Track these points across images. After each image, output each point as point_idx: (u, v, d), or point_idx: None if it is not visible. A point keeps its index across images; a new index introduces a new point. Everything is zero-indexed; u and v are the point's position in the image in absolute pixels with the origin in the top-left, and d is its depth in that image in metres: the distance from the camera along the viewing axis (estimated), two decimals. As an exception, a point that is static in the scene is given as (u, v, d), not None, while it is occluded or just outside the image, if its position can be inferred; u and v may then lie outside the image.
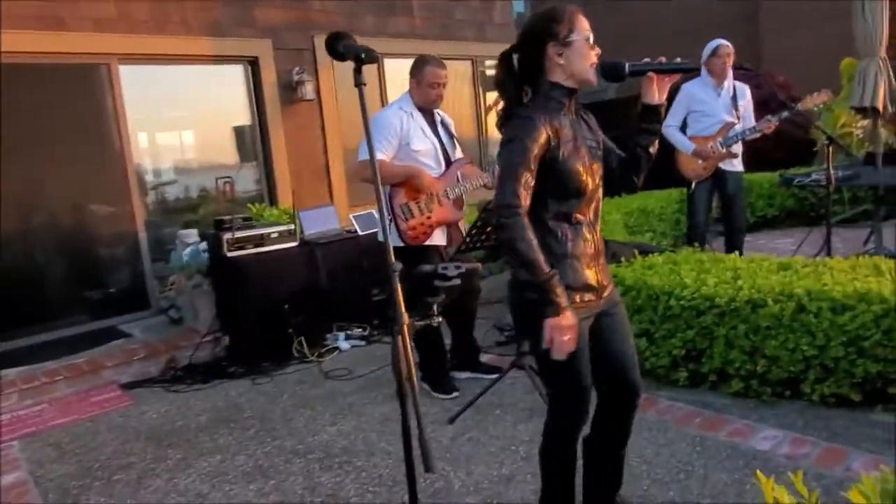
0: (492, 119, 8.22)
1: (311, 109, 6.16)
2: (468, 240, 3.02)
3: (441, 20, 7.26)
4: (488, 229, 3.06)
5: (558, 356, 1.75)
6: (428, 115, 3.46)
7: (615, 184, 2.08)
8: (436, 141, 3.44)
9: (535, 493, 2.50)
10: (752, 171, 5.85)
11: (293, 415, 3.53)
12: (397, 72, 6.69)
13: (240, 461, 3.04)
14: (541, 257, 1.72)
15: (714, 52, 4.43)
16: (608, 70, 1.88)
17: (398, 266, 1.50)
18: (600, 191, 1.97)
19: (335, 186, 6.33)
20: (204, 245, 4.82)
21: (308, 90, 5.94)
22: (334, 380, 4.01)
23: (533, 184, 1.77)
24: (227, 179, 5.96)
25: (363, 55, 1.60)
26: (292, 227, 4.57)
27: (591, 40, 1.86)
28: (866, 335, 2.81)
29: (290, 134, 6.03)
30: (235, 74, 5.87)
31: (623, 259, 3.85)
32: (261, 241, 4.40)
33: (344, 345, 4.56)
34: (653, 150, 1.99)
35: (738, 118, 4.48)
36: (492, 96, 8.25)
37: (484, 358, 3.89)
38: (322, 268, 4.54)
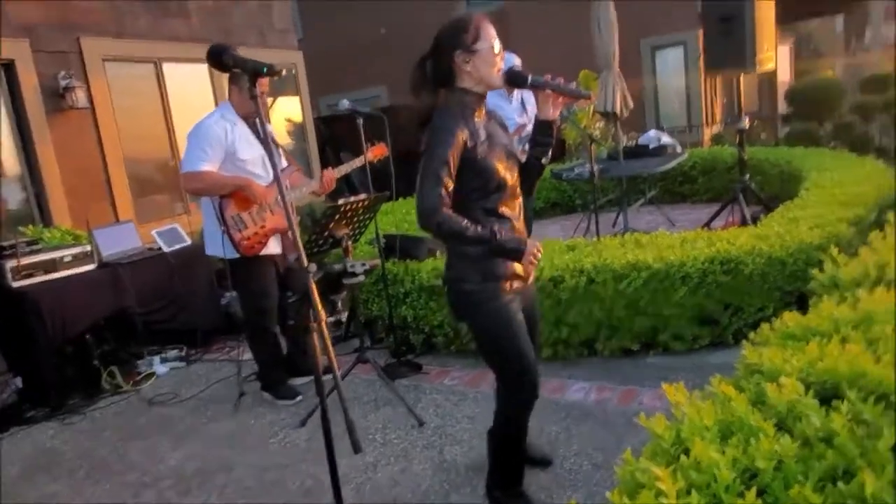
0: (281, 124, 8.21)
1: (83, 119, 5.57)
2: (313, 246, 3.11)
3: (220, 23, 7.01)
4: (325, 233, 3.19)
5: (535, 263, 2.03)
6: (250, 122, 3.42)
7: None
8: (262, 149, 3.42)
9: (402, 472, 2.74)
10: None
11: (126, 448, 3.29)
12: (176, 76, 6.37)
13: (77, 506, 2.79)
14: (477, 228, 1.95)
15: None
16: (512, 77, 2.06)
17: (313, 268, 1.60)
18: (519, 187, 2.16)
19: (120, 202, 5.81)
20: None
21: (79, 97, 5.37)
22: (161, 405, 3.79)
23: (452, 186, 1.94)
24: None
25: (264, 70, 1.62)
26: (88, 248, 4.16)
27: (497, 48, 1.99)
28: (639, 296, 3.52)
29: (61, 146, 5.39)
30: (-15, 79, 5.11)
31: (438, 253, 4.23)
32: (52, 266, 3.94)
33: (161, 369, 4.29)
34: (545, 160, 2.22)
35: (528, 120, 5.15)
36: (283, 100, 8.18)
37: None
38: (128, 290, 4.21)
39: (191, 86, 6.45)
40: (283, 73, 1.70)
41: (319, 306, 1.58)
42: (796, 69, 20.16)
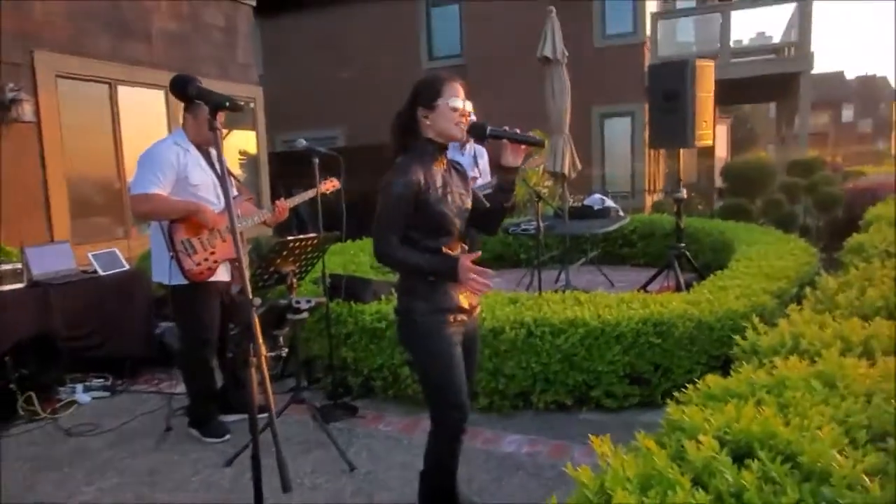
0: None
1: (27, 133, 5.41)
2: (258, 280, 3.08)
3: (182, 51, 7.01)
4: (271, 269, 3.17)
5: (483, 289, 2.14)
6: (203, 151, 3.41)
7: (478, 229, 2.46)
8: (214, 176, 3.40)
9: (332, 516, 2.68)
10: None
11: (35, 479, 3.11)
12: (131, 100, 6.29)
13: (-25, 540, 2.61)
14: (420, 257, 2.15)
15: None
16: (473, 129, 2.22)
17: (258, 301, 1.61)
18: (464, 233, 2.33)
19: (57, 221, 5.62)
20: None
21: (25, 111, 5.23)
22: (79, 436, 3.61)
23: (403, 225, 2.13)
24: None
25: (226, 103, 1.65)
26: (18, 265, 3.99)
27: (459, 106, 2.18)
28: (575, 352, 3.62)
29: (1, 161, 5.21)
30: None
31: (382, 297, 4.25)
32: (-23, 282, 3.77)
33: (83, 398, 4.10)
34: (507, 204, 2.36)
35: (479, 174, 5.33)
36: (239, 133, 8.15)
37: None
38: (56, 312, 4.04)
39: (145, 111, 6.38)
40: (243, 107, 1.73)
41: (260, 340, 1.59)
42: (732, 147, 21.41)
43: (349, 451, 3.25)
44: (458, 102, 2.20)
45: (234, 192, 3.60)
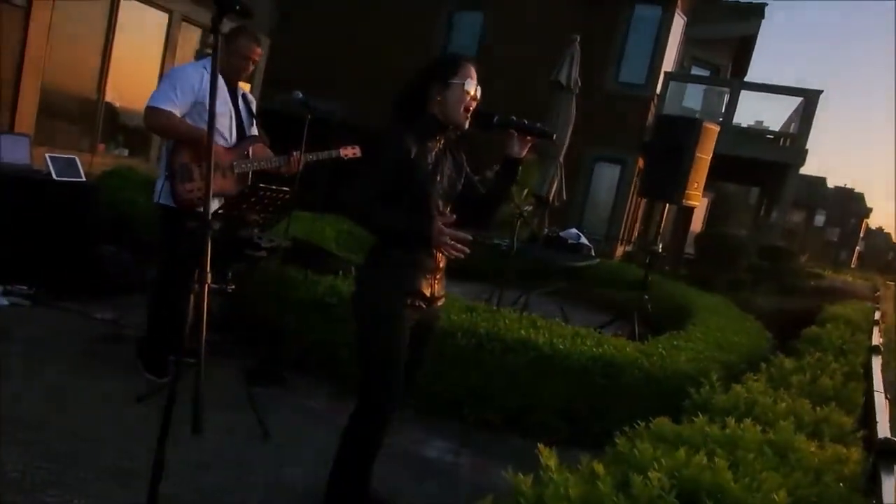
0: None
1: (14, 17, 5.12)
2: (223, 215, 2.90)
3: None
4: (234, 213, 3.00)
5: (458, 254, 2.02)
6: (230, 85, 3.33)
7: (472, 217, 2.31)
8: (232, 110, 3.31)
9: (235, 479, 2.53)
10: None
11: (-74, 371, 2.87)
12: (131, 18, 6.04)
13: None
14: (394, 214, 2.04)
15: None
16: (480, 117, 2.15)
17: (216, 225, 1.47)
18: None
19: (22, 117, 5.32)
20: None
21: (18, -6, 4.95)
22: (-14, 339, 3.37)
23: (386, 186, 2.03)
24: None
25: (237, 6, 1.52)
26: (-35, 147, 3.73)
27: (471, 90, 2.11)
28: (520, 374, 3.53)
29: (-23, 36, 4.92)
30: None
31: (340, 272, 4.11)
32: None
33: (1, 301, 3.84)
34: (506, 194, 2.31)
35: None
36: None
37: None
38: (-6, 205, 3.78)
39: (144, 32, 6.14)
40: (253, 14, 1.61)
41: (207, 266, 1.45)
42: (708, 223, 21.87)
43: (269, 419, 3.09)
44: (472, 86, 2.15)
45: (254, 130, 3.48)
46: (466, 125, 2.19)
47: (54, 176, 4.15)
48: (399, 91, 2.23)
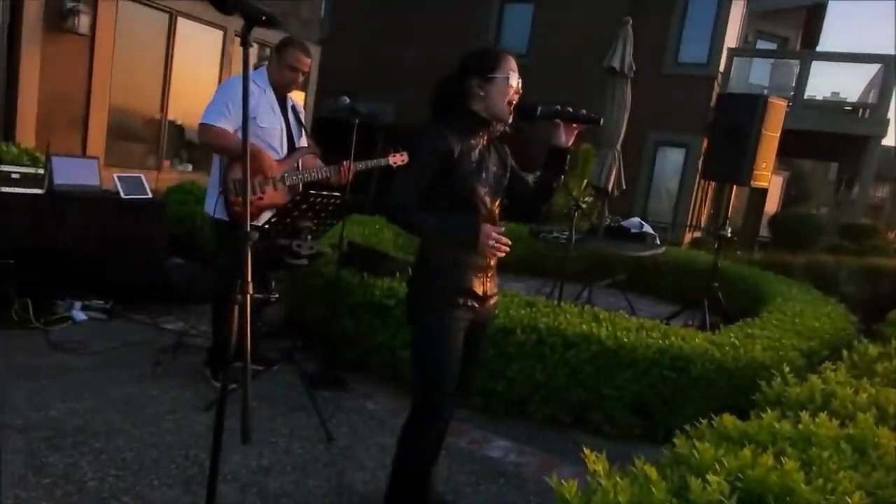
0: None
1: (80, 46, 5.39)
2: (271, 229, 2.95)
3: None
4: (287, 220, 3.04)
5: (500, 253, 1.97)
6: (281, 96, 3.37)
7: (521, 210, 2.32)
8: (283, 122, 3.35)
9: (295, 483, 2.56)
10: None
11: (11, 386, 3.04)
12: (189, 35, 6.25)
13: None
14: (436, 217, 1.98)
15: None
16: (522, 109, 2.09)
17: (254, 235, 1.47)
18: (497, 215, 2.19)
19: (92, 141, 5.60)
20: None
21: (82, 23, 5.21)
22: (65, 352, 3.54)
23: (426, 186, 1.98)
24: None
25: (263, 17, 1.53)
26: (41, 171, 3.95)
27: (514, 82, 2.05)
28: (583, 369, 3.43)
29: (48, 68, 5.20)
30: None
31: (398, 274, 4.10)
32: (-3, 179, 3.72)
33: (79, 315, 4.04)
34: (556, 185, 2.25)
35: None
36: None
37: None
38: (70, 225, 3.98)
39: (200, 49, 6.35)
40: (282, 23, 1.59)
41: (249, 276, 1.45)
42: (783, 203, 20.80)
43: (330, 421, 3.12)
44: (515, 78, 2.08)
45: (304, 142, 3.52)
46: (510, 119, 2.12)
47: (122, 195, 4.34)
48: (436, 87, 2.17)
